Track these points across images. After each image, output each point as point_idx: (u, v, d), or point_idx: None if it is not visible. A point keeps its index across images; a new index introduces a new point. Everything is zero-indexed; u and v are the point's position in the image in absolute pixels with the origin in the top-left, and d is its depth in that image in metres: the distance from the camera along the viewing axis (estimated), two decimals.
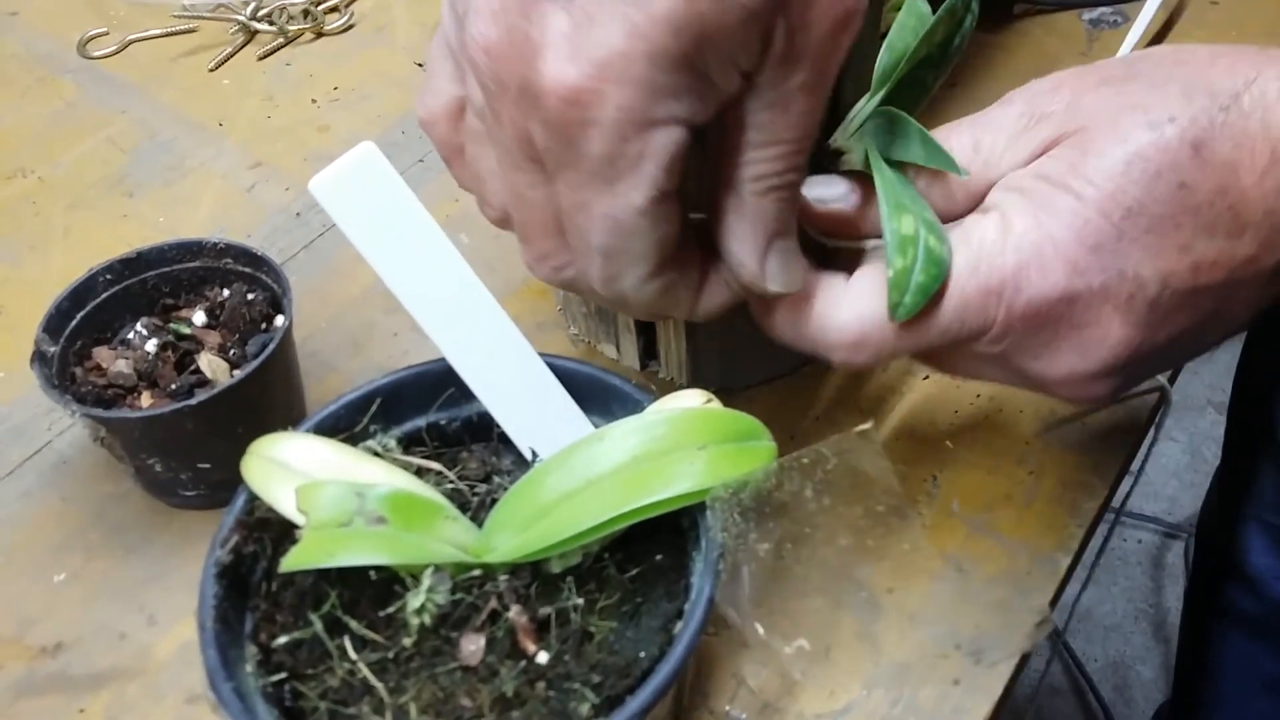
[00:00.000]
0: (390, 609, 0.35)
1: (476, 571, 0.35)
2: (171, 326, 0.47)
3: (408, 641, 0.34)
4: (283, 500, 0.35)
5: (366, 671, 0.34)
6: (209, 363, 0.45)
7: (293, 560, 0.32)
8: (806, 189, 0.38)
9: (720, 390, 0.38)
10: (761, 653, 0.41)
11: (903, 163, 0.37)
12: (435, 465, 0.39)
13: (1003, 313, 0.34)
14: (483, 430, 0.40)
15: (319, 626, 0.35)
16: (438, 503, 0.36)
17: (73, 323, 0.46)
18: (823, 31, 0.30)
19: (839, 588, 0.42)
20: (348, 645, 0.34)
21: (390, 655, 0.34)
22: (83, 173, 0.64)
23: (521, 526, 0.35)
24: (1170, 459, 1.53)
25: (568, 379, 0.40)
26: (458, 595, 0.35)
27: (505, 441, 0.40)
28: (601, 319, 0.51)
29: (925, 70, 0.40)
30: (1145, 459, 0.50)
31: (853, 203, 0.38)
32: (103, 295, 0.47)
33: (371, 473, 0.36)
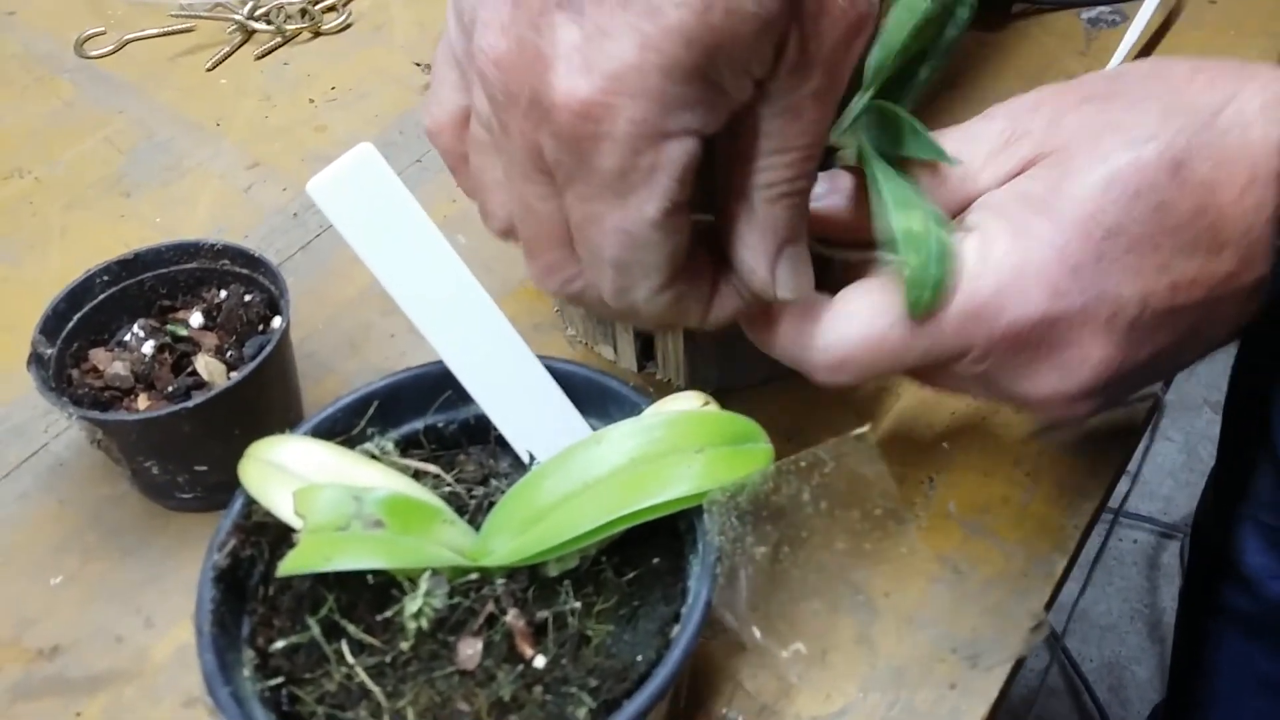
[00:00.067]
0: (388, 613, 0.35)
1: (474, 575, 0.35)
2: (168, 328, 0.47)
3: (405, 645, 0.34)
4: (280, 504, 0.35)
5: (364, 675, 0.34)
6: (206, 365, 0.45)
7: (290, 564, 0.32)
8: None
9: (718, 391, 0.38)
10: (758, 656, 0.41)
11: (899, 159, 0.37)
12: (433, 468, 0.39)
13: (983, 335, 0.34)
14: (480, 433, 0.40)
15: (316, 630, 0.35)
16: (435, 506, 0.36)
17: (69, 324, 0.46)
18: (836, 39, 0.30)
19: (836, 591, 0.42)
20: (345, 649, 0.35)
21: (388, 659, 0.34)
22: (80, 173, 0.64)
23: (519, 530, 0.35)
24: (1166, 458, 1.53)
25: (565, 381, 0.40)
26: (455, 599, 0.35)
27: (503, 444, 0.40)
28: (599, 320, 0.51)
29: (917, 64, 0.40)
30: (1141, 459, 0.50)
31: (837, 201, 0.38)
32: (100, 297, 0.47)
33: (369, 476, 0.36)
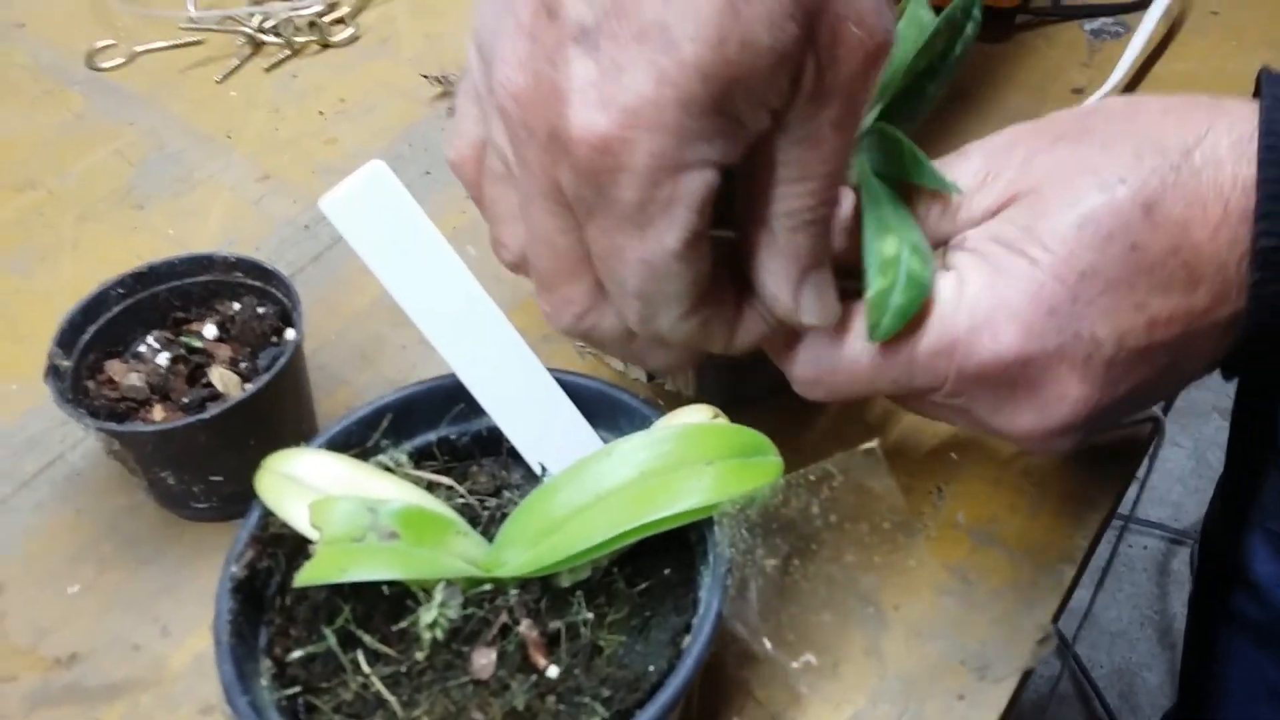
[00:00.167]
0: (403, 623, 0.35)
1: (487, 586, 0.36)
2: (183, 340, 0.48)
3: (420, 655, 0.35)
4: (296, 516, 0.35)
5: (380, 685, 0.34)
6: (220, 376, 0.46)
7: (306, 575, 0.32)
8: None
9: (727, 404, 0.38)
10: (769, 667, 0.41)
11: (901, 182, 0.37)
12: (446, 480, 0.40)
13: (954, 372, 0.34)
14: (492, 445, 0.41)
15: (332, 641, 0.35)
16: (449, 518, 0.37)
17: (85, 336, 0.46)
18: (853, 67, 0.30)
19: (846, 603, 0.42)
20: (361, 659, 0.35)
21: (403, 669, 0.35)
22: (92, 185, 0.65)
23: (532, 541, 0.36)
24: (1175, 465, 1.53)
25: (575, 393, 0.40)
26: (469, 610, 0.35)
27: (515, 456, 0.40)
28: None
29: (925, 81, 0.40)
30: (1150, 465, 0.51)
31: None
32: (114, 309, 0.47)
33: (383, 488, 0.37)
